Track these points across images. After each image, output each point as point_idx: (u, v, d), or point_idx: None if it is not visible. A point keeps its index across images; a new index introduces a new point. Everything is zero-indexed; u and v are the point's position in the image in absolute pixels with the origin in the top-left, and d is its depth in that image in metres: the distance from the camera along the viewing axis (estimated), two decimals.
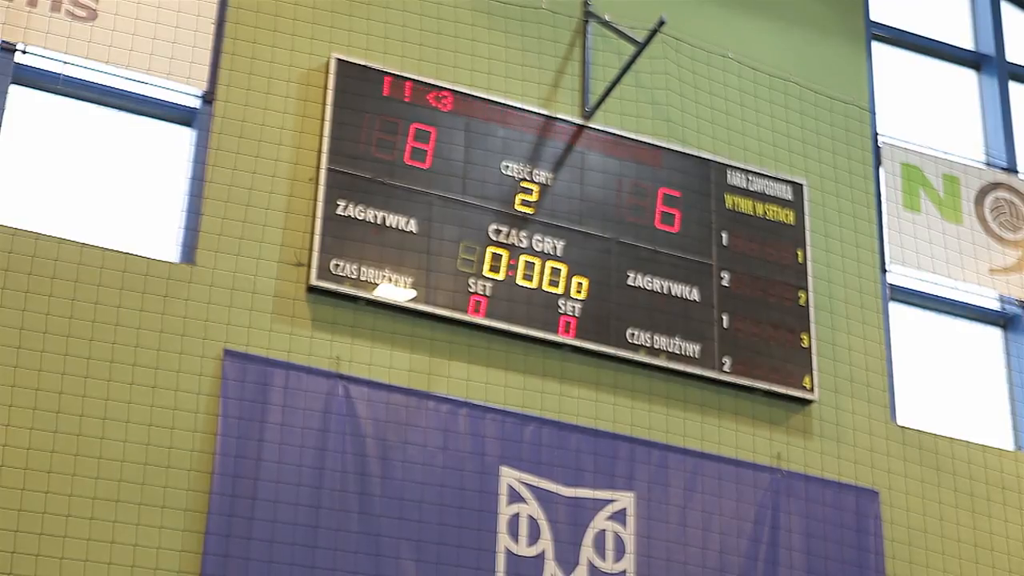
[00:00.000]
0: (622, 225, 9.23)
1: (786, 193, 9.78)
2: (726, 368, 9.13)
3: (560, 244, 9.03)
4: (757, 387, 9.18)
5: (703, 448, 8.97)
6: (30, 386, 7.72)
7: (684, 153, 9.61)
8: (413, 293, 8.60)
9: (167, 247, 8.38)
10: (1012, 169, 10.85)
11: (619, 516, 8.59)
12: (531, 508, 8.43)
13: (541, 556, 8.37)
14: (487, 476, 8.39)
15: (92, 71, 8.57)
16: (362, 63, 8.97)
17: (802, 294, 9.52)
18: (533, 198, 9.08)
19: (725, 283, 9.35)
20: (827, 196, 10.04)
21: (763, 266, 9.49)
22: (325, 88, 8.84)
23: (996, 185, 10.68)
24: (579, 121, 9.42)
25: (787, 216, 9.72)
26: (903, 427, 9.65)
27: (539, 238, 9.01)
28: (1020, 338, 10.39)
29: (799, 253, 9.63)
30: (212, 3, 8.83)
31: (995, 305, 10.52)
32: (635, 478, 8.70)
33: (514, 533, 8.35)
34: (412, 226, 8.72)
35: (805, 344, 9.38)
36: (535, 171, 9.15)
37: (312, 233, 8.50)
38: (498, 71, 9.40)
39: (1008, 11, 11.61)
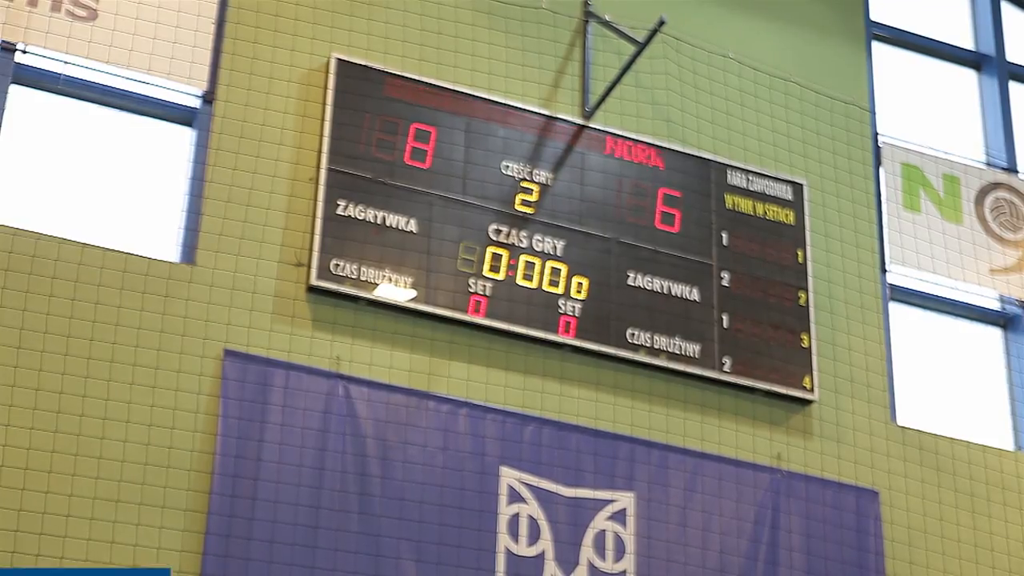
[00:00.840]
0: (622, 225, 9.23)
1: (786, 193, 9.78)
2: (726, 368, 9.13)
3: (560, 244, 9.03)
4: (757, 387, 9.17)
5: (703, 448, 8.96)
6: (30, 386, 7.72)
7: (684, 153, 9.61)
8: (413, 293, 8.60)
9: (167, 247, 8.38)
10: (1012, 169, 10.84)
11: (619, 516, 8.59)
12: (531, 508, 8.43)
13: (541, 556, 8.37)
14: (487, 476, 8.39)
15: (92, 71, 8.56)
16: (362, 63, 8.96)
17: (802, 294, 9.52)
18: (533, 198, 9.07)
19: (725, 283, 9.35)
20: (827, 196, 10.03)
21: (763, 266, 9.49)
22: (325, 88, 8.84)
23: (996, 185, 10.67)
24: (579, 121, 9.41)
25: (787, 216, 9.72)
26: (903, 427, 9.64)
27: (539, 238, 9.00)
28: (1020, 338, 10.39)
29: (799, 253, 9.62)
30: (212, 3, 8.83)
31: (995, 305, 10.51)
32: (635, 478, 8.70)
33: (514, 533, 8.35)
34: (412, 226, 8.72)
35: (805, 344, 9.37)
36: (535, 171, 9.15)
37: (312, 233, 8.50)
38: (498, 71, 9.39)
39: (1008, 11, 11.61)
